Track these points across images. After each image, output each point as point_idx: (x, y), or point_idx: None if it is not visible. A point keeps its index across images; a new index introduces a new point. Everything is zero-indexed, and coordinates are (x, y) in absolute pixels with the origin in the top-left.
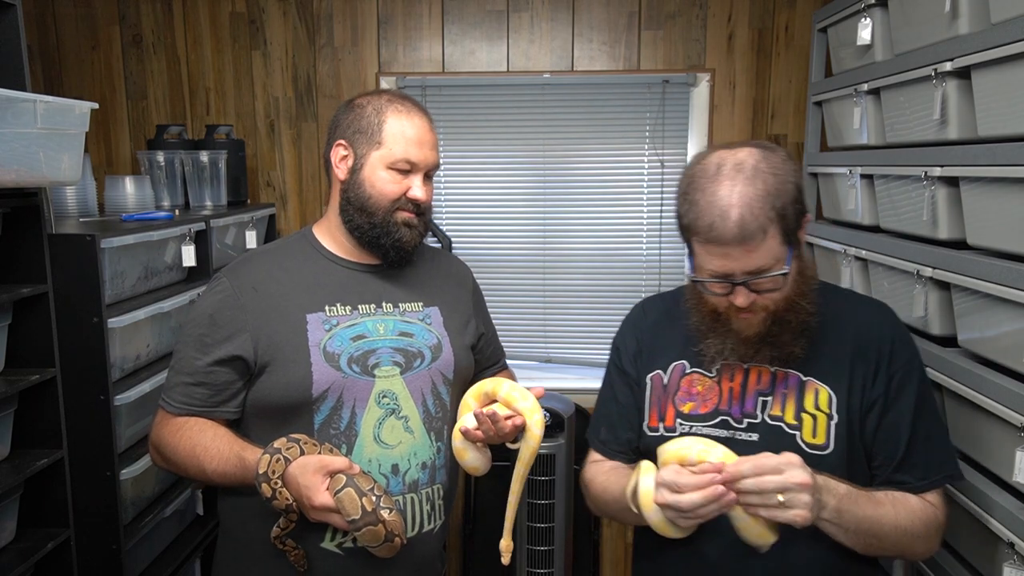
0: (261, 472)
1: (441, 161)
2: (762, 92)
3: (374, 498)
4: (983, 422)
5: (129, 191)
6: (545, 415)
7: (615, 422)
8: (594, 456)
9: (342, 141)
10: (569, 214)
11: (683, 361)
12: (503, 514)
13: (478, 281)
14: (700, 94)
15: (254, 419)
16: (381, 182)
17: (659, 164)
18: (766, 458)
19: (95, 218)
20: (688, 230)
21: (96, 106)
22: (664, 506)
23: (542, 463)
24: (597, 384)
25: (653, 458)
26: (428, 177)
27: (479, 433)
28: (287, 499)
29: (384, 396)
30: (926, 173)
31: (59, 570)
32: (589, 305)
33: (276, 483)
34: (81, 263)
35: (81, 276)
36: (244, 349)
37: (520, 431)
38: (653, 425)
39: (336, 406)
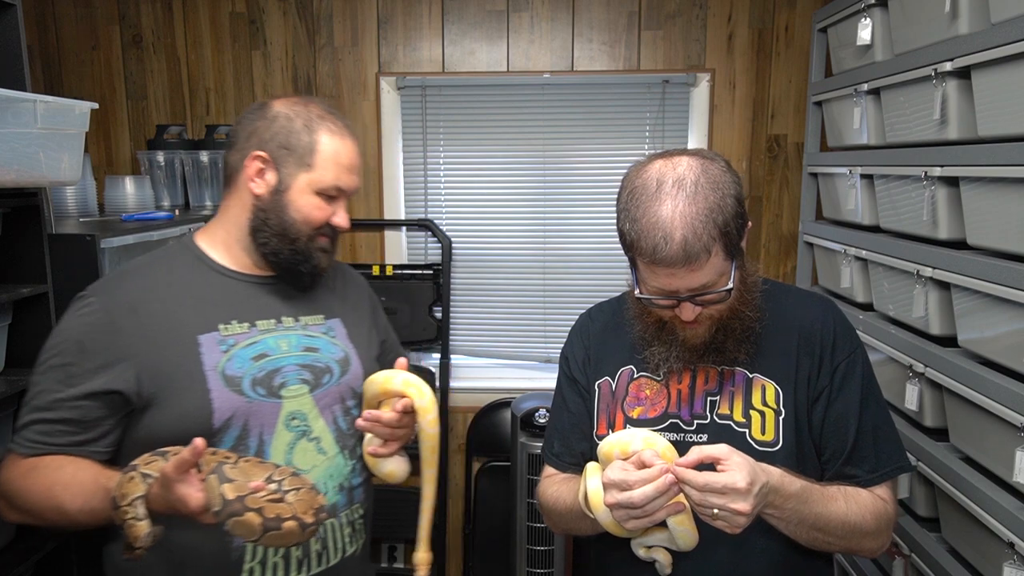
0: (113, 496)
1: (442, 161)
2: (762, 92)
3: (248, 483)
4: (983, 422)
5: (129, 191)
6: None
7: (568, 433)
8: (548, 471)
9: (262, 154)
10: (569, 214)
11: (630, 366)
12: (503, 513)
13: (478, 281)
14: (700, 94)
15: None
16: (308, 208)
17: None
18: (714, 476)
19: (95, 218)
20: (631, 248)
21: (96, 106)
22: (615, 506)
23: (542, 463)
24: None
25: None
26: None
27: (388, 449)
28: (140, 533)
29: (293, 418)
30: (926, 173)
31: (59, 570)
32: (589, 305)
33: (126, 510)
34: (81, 263)
35: (81, 276)
36: (123, 382)
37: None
38: (602, 432)
39: (242, 435)
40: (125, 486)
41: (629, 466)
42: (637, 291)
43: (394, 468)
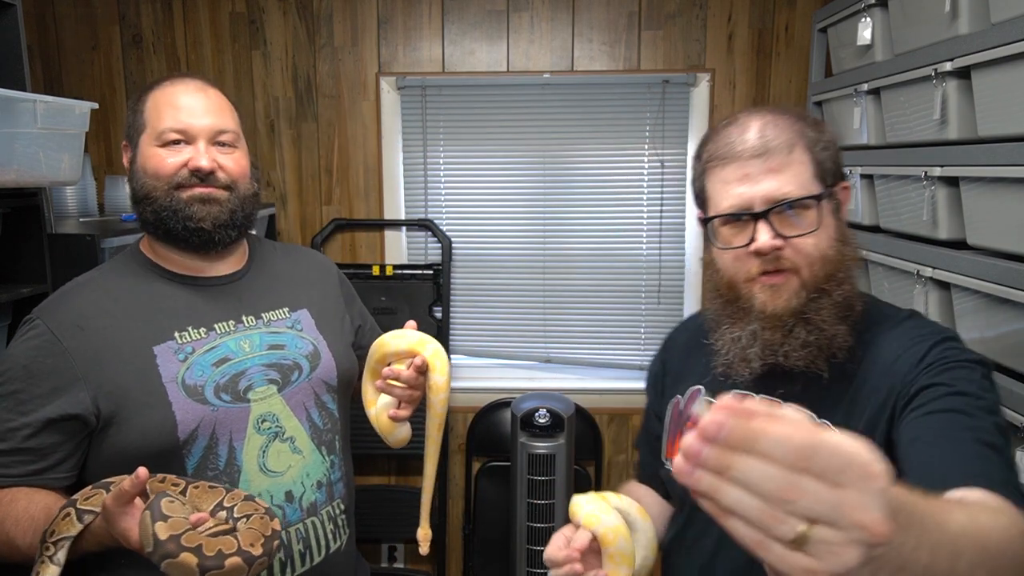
0: (44, 530)
1: (442, 161)
2: (762, 92)
3: (185, 519)
4: None
5: (129, 191)
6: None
7: (644, 447)
8: (632, 481)
9: (125, 142)
10: (569, 214)
11: (700, 386)
12: (503, 513)
13: (478, 281)
14: (700, 94)
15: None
16: (151, 162)
17: (659, 164)
18: (828, 441)
19: (95, 218)
20: (704, 172)
21: (96, 106)
22: None
23: (542, 463)
24: (597, 384)
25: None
26: (224, 144)
27: (406, 412)
28: None
29: (264, 420)
30: (926, 173)
31: None
32: (589, 305)
33: (48, 546)
34: (81, 263)
35: None
36: (79, 404)
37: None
38: (670, 456)
39: (210, 444)
40: (58, 523)
41: (571, 537)
42: (703, 215)
43: (405, 434)
